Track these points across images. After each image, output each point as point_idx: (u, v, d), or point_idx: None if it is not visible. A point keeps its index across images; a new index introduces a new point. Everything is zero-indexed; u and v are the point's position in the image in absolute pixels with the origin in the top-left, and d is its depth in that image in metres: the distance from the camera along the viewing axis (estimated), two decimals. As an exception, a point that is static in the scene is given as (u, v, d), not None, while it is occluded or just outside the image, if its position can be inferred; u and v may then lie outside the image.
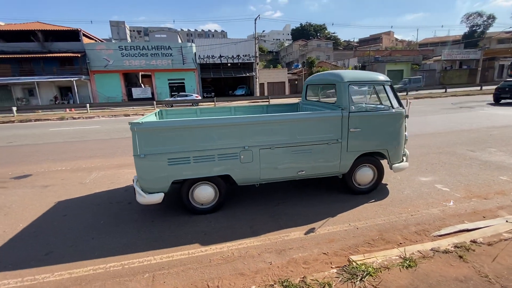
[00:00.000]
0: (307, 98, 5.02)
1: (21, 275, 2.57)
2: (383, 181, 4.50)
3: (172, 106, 22.31)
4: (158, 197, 3.28)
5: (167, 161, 3.22)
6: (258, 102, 23.95)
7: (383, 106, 3.95)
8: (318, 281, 2.20)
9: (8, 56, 24.89)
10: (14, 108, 17.95)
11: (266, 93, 31.98)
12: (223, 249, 2.85)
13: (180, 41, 37.32)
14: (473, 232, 2.95)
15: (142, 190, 3.27)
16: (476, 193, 3.99)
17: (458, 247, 2.57)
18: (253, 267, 2.57)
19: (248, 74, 31.11)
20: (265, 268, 2.55)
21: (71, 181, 5.13)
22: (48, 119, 16.17)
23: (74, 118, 16.52)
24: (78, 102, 26.15)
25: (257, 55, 29.80)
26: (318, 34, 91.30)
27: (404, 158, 4.14)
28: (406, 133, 4.12)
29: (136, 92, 29.16)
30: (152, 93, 29.68)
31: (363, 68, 36.52)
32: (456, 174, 4.77)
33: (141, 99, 27.67)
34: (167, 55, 28.27)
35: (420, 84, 30.55)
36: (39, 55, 25.41)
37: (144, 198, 3.24)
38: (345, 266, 2.41)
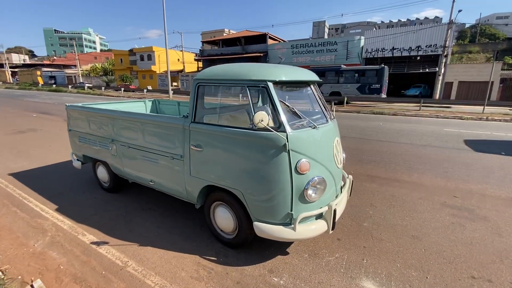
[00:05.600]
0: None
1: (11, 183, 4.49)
2: (295, 248, 2.75)
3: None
4: (77, 164, 4.22)
5: (78, 138, 4.04)
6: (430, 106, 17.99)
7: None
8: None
9: (224, 57, 35.47)
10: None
11: (453, 96, 23.41)
12: (47, 222, 3.28)
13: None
14: None
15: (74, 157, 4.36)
16: None
17: None
18: (26, 240, 2.88)
19: (428, 70, 24.03)
20: (23, 244, 2.79)
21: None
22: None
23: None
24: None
25: (448, 44, 22.05)
26: None
27: (292, 221, 2.26)
28: (314, 176, 2.22)
29: (298, 87, 31.70)
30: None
31: None
32: None
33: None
34: (332, 50, 27.91)
35: None
36: (240, 56, 34.00)
37: (72, 162, 4.32)
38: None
